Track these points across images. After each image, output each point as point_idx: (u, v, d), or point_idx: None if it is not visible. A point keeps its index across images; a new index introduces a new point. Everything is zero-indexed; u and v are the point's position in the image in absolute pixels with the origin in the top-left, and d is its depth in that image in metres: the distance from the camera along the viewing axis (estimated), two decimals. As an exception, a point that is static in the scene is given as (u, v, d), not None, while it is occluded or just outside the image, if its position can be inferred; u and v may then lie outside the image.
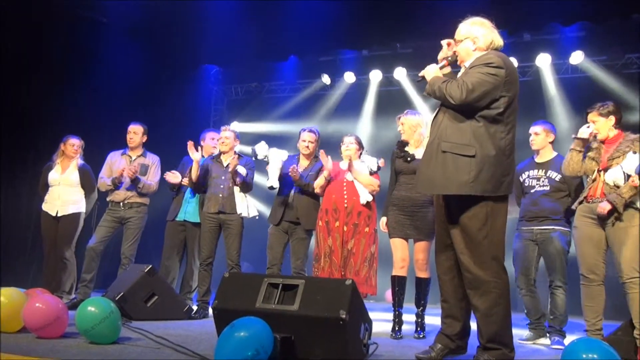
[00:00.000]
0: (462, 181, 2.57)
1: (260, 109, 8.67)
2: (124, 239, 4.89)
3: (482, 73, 2.60)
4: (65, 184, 4.90)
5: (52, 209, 4.88)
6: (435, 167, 2.65)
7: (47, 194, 4.95)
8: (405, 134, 3.92)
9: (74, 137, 5.05)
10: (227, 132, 4.63)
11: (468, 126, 2.62)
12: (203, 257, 4.47)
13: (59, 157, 5.00)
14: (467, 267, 2.62)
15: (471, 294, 2.63)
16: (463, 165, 2.58)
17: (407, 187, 3.85)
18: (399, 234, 3.82)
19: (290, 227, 4.35)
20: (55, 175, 4.94)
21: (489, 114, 2.61)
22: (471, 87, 2.57)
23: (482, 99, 2.59)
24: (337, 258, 4.07)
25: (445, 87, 2.64)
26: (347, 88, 8.24)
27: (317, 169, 4.43)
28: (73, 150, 4.98)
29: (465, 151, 2.59)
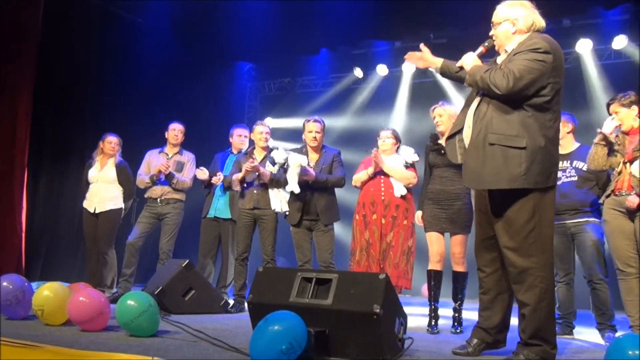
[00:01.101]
0: (513, 175, 2.48)
1: (293, 104, 8.70)
2: (162, 234, 5.00)
3: (528, 59, 2.49)
4: (103, 181, 5.04)
5: (91, 206, 5.03)
6: (483, 161, 2.55)
7: (88, 191, 5.10)
8: (443, 125, 3.84)
9: (111, 134, 5.18)
10: (264, 126, 4.66)
11: (516, 116, 2.52)
12: (239, 252, 4.53)
13: (98, 155, 5.14)
14: (512, 262, 2.55)
15: (516, 289, 2.56)
16: (513, 157, 2.48)
17: (441, 180, 3.80)
18: (435, 227, 3.78)
19: (311, 223, 4.33)
20: (94, 172, 5.08)
21: (537, 102, 2.52)
22: (518, 74, 2.47)
23: (529, 87, 2.49)
24: (376, 251, 4.06)
25: (489, 76, 2.53)
26: (380, 81, 8.17)
27: (329, 161, 4.39)
28: (111, 148, 5.11)
29: (514, 143, 2.49)
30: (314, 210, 4.30)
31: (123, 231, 5.22)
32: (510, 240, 2.55)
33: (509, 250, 2.55)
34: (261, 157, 4.62)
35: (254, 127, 4.71)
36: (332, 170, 4.38)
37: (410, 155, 4.19)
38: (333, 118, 8.00)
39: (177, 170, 5.03)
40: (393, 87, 8.07)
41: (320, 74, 8.49)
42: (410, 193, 4.20)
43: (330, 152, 4.47)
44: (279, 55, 7.77)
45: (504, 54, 2.70)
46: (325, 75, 8.48)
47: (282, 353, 2.14)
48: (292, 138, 7.97)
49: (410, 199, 4.17)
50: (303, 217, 4.31)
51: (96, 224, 5.01)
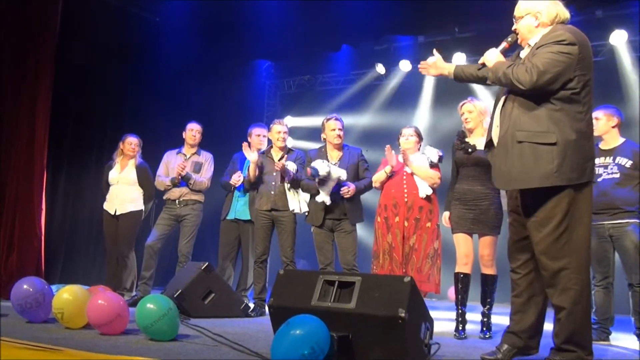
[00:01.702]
0: (545, 172, 2.45)
1: (314, 102, 8.70)
2: (181, 236, 5.06)
3: (553, 52, 2.47)
4: (123, 183, 5.12)
5: (111, 208, 5.10)
6: (512, 160, 2.53)
7: (107, 192, 5.18)
8: (472, 122, 3.81)
9: (132, 135, 5.25)
10: (283, 126, 4.68)
11: (543, 111, 2.49)
12: (257, 254, 4.56)
13: (119, 156, 5.22)
14: (545, 264, 2.51)
15: (550, 293, 2.52)
16: (543, 154, 2.46)
17: (468, 179, 3.77)
18: (462, 228, 3.75)
19: (334, 223, 4.33)
20: (114, 173, 5.16)
21: (565, 94, 2.48)
22: (542, 68, 2.44)
23: (555, 81, 2.46)
24: (398, 255, 4.04)
25: (511, 72, 2.52)
26: (403, 77, 8.12)
27: (355, 161, 4.39)
28: (131, 149, 5.18)
29: (544, 139, 2.46)
30: (339, 210, 4.30)
31: (142, 233, 5.30)
32: (542, 241, 2.51)
33: (541, 251, 2.52)
34: (278, 157, 4.63)
35: (271, 126, 4.73)
36: (360, 172, 4.39)
37: (434, 155, 4.17)
38: (354, 116, 7.99)
39: (194, 171, 5.07)
40: (417, 83, 8.01)
41: (341, 71, 8.47)
42: (435, 193, 4.18)
43: (353, 150, 4.47)
44: (298, 52, 7.78)
45: (527, 48, 2.68)
46: (346, 72, 8.46)
47: (304, 358, 2.14)
48: (312, 137, 7.99)
49: (434, 200, 4.14)
50: (326, 217, 4.31)
51: (116, 225, 5.09)
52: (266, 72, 9.03)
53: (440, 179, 4.15)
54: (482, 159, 3.63)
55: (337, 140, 4.41)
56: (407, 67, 7.91)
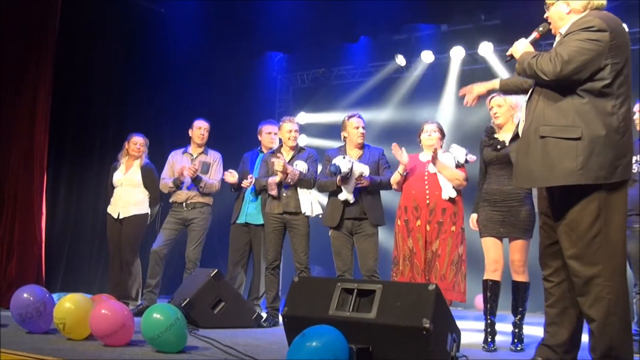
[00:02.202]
0: (568, 169, 2.43)
1: (329, 96, 8.70)
2: (188, 241, 5.09)
3: (580, 40, 2.45)
4: (128, 185, 5.16)
5: (115, 211, 5.16)
6: (534, 157, 2.52)
7: (112, 195, 5.23)
8: (502, 117, 3.79)
9: (137, 134, 5.30)
10: (293, 124, 4.68)
11: (569, 104, 2.48)
12: (269, 260, 4.57)
13: (124, 157, 5.27)
14: (576, 271, 2.49)
15: (582, 302, 2.49)
16: (567, 150, 2.44)
17: (497, 179, 3.75)
18: (491, 232, 3.72)
19: (354, 224, 4.33)
20: (119, 175, 5.21)
21: (594, 86, 2.46)
22: (567, 57, 2.43)
23: (581, 71, 2.45)
24: (420, 261, 4.02)
25: (535, 62, 2.51)
26: (425, 69, 8.08)
27: (375, 159, 4.41)
28: (136, 149, 5.22)
29: (568, 133, 2.45)
30: (358, 210, 4.29)
31: (148, 238, 5.34)
32: (572, 246, 2.49)
33: (571, 257, 2.50)
34: (289, 157, 4.64)
35: (281, 123, 4.72)
36: (380, 171, 4.39)
37: (462, 154, 4.14)
38: (373, 112, 7.96)
39: (203, 172, 5.09)
40: (440, 76, 7.95)
41: (358, 63, 8.44)
42: (459, 195, 4.15)
43: (374, 150, 4.48)
44: (312, 44, 7.78)
45: (558, 36, 2.66)
46: (363, 64, 8.44)
47: (321, 372, 2.14)
48: (327, 134, 7.99)
49: (458, 202, 4.12)
50: (345, 217, 4.31)
51: (120, 230, 5.14)
52: (278, 65, 9.05)
53: (466, 180, 4.13)
54: None
55: (361, 139, 4.44)
56: (430, 58, 7.88)
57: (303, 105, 8.95)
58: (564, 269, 2.63)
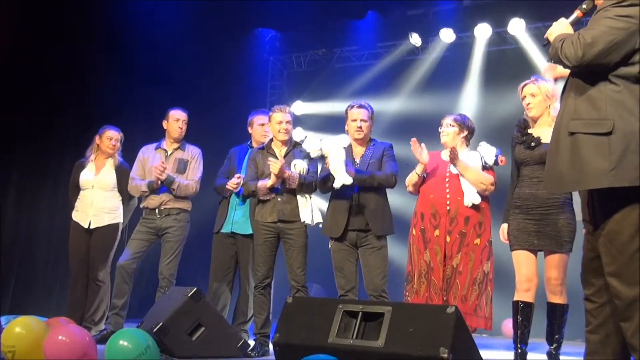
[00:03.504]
0: (599, 170, 2.44)
1: (330, 82, 8.72)
2: (162, 254, 5.08)
3: (608, 18, 2.47)
4: (100, 187, 5.16)
5: (84, 219, 5.13)
6: (563, 157, 2.54)
7: (77, 199, 5.21)
8: (536, 108, 3.80)
9: (112, 128, 5.28)
10: (285, 113, 4.67)
11: (601, 93, 2.49)
12: (258, 277, 4.55)
13: (94, 153, 5.25)
14: (617, 291, 2.49)
15: (625, 328, 2.49)
16: (598, 147, 2.45)
17: (532, 182, 3.76)
18: (523, 244, 3.73)
19: (358, 236, 4.32)
20: (88, 175, 5.19)
21: (630, 72, 2.47)
22: (590, 40, 2.45)
23: (609, 54, 2.45)
24: (438, 278, 4.03)
25: (561, 46, 2.54)
26: (444, 50, 8.11)
27: (379, 156, 4.39)
28: (110, 145, 5.21)
29: (599, 128, 2.46)
30: (362, 218, 4.30)
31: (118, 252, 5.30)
32: (612, 261, 2.49)
33: (611, 275, 2.50)
34: (282, 153, 4.63)
35: (271, 114, 4.67)
36: (382, 165, 4.38)
37: (490, 155, 4.15)
38: (382, 101, 7.97)
39: (178, 171, 5.08)
40: (462, 58, 7.99)
41: (365, 43, 8.47)
42: (486, 201, 4.15)
43: (381, 145, 4.47)
44: (311, 20, 7.80)
45: None
46: (371, 44, 8.47)
47: (319, 411, 2.14)
48: (328, 127, 7.95)
49: (485, 210, 4.12)
50: (349, 227, 4.31)
51: (88, 242, 5.13)
52: (270, 45, 9.07)
53: (494, 185, 4.13)
54: None
55: (358, 134, 4.41)
56: (450, 37, 7.90)
57: (299, 92, 8.97)
58: (608, 288, 2.63)
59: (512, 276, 3.81)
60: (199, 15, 7.35)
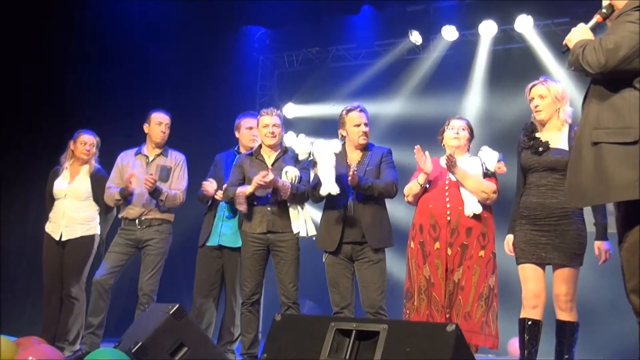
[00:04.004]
0: (626, 181, 2.47)
1: (324, 83, 8.73)
2: (142, 269, 5.06)
3: (630, 22, 2.52)
4: (73, 197, 5.17)
5: (56, 231, 5.14)
6: (587, 168, 2.58)
7: (51, 210, 5.21)
8: (545, 111, 3.81)
9: (87, 132, 5.29)
10: (273, 116, 4.66)
11: (625, 101, 2.54)
12: (246, 293, 4.55)
13: (68, 160, 5.25)
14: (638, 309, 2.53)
15: None
16: (624, 157, 2.49)
17: (539, 190, 3.77)
18: (531, 257, 3.74)
19: (354, 249, 4.31)
20: (62, 184, 5.20)
21: None
22: (612, 45, 2.50)
23: (633, 59, 2.50)
24: (440, 295, 4.03)
25: (582, 52, 2.59)
26: (447, 49, 8.12)
27: (376, 162, 4.39)
28: (85, 151, 5.21)
29: (624, 137, 2.50)
30: (358, 229, 4.29)
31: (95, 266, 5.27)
32: (632, 277, 2.54)
33: (632, 291, 2.55)
34: (271, 160, 4.63)
35: (259, 117, 4.70)
36: (380, 173, 4.38)
37: (492, 160, 4.15)
38: (380, 103, 7.99)
39: (161, 179, 5.05)
40: (465, 58, 8.00)
41: (362, 41, 8.49)
42: (489, 211, 4.15)
43: (378, 150, 4.47)
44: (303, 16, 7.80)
45: None
46: (369, 42, 8.48)
47: None
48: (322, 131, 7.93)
49: (488, 220, 4.12)
50: (343, 239, 4.30)
51: (62, 254, 5.12)
52: (259, 43, 9.07)
53: (496, 193, 4.14)
54: (559, 160, 3.64)
55: (364, 140, 4.42)
56: (453, 35, 7.91)
57: (291, 94, 8.98)
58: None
59: (517, 291, 3.81)
60: (182, 12, 7.36)
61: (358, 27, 8.43)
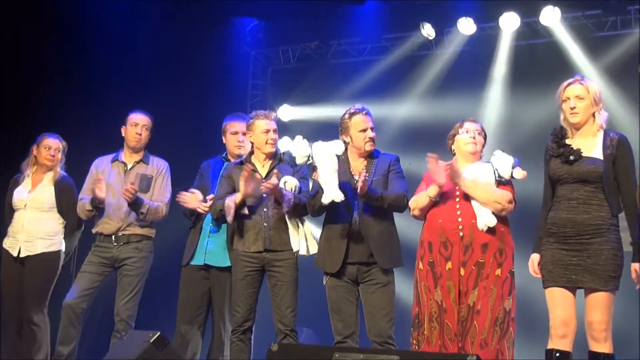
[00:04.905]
0: None
1: (325, 82, 8.73)
2: (119, 291, 5.07)
3: None
4: (34, 207, 5.17)
5: (14, 247, 5.14)
6: None
7: (10, 223, 5.22)
8: (581, 114, 3.79)
9: (51, 135, 5.31)
10: (271, 121, 4.67)
11: None
12: (237, 320, 4.55)
13: (31, 167, 5.26)
14: None
15: None
16: None
17: (570, 204, 3.75)
18: (559, 280, 3.73)
19: (359, 271, 4.31)
20: (22, 193, 5.21)
21: None
22: None
23: None
24: (452, 321, 4.01)
25: None
26: (463, 44, 8.13)
27: (384, 170, 4.40)
28: (49, 157, 5.23)
29: None
30: (364, 248, 4.29)
31: (61, 287, 5.28)
32: None
33: None
34: (265, 170, 4.64)
35: (252, 121, 4.69)
36: (388, 184, 4.39)
37: (507, 166, 4.14)
38: (388, 105, 7.99)
39: (141, 190, 5.07)
40: (484, 54, 8.01)
41: (367, 35, 8.49)
42: (505, 224, 4.14)
43: (385, 158, 4.48)
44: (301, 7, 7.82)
45: None
46: (375, 36, 8.49)
47: None
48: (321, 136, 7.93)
49: (505, 234, 4.11)
50: (347, 259, 4.29)
51: (21, 274, 5.11)
52: (251, 37, 9.07)
53: (512, 203, 4.12)
54: (592, 171, 3.64)
55: (370, 147, 4.43)
56: (470, 29, 7.93)
57: (287, 94, 8.99)
58: None
59: (539, 316, 3.79)
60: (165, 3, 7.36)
61: (363, 19, 8.44)
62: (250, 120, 4.74)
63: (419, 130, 7.78)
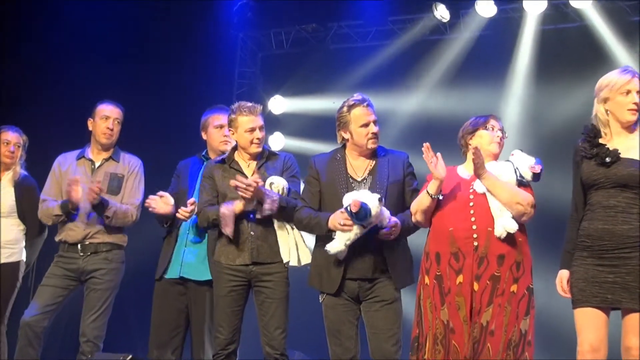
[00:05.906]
0: None
1: (323, 70, 8.79)
2: (85, 308, 5.08)
3: None
4: None
5: (-32, 257, 5.15)
6: None
7: None
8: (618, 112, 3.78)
9: (10, 128, 5.34)
10: (259, 117, 4.65)
11: None
12: (220, 343, 4.55)
13: None
14: None
15: None
16: None
17: (606, 212, 3.70)
18: (593, 300, 3.68)
19: (361, 287, 4.30)
20: None
21: None
22: None
23: None
24: (461, 343, 3.98)
25: None
26: (482, 28, 8.17)
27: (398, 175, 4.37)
28: (7, 153, 5.25)
29: None
30: (368, 261, 4.27)
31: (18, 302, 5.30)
32: None
33: None
34: (251, 169, 4.65)
35: (234, 116, 4.64)
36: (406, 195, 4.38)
37: (526, 166, 4.14)
38: (395, 96, 8.04)
39: (110, 191, 5.10)
40: (506, 40, 8.05)
41: (373, 17, 8.53)
42: (523, 233, 4.12)
43: (397, 158, 4.46)
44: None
45: None
46: (380, 18, 8.53)
47: None
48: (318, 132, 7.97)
49: (523, 245, 4.06)
50: (347, 274, 4.29)
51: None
52: (239, 17, 9.07)
53: (534, 208, 4.10)
54: (632, 174, 3.61)
55: (374, 144, 4.39)
56: (490, 11, 7.96)
57: (279, 84, 9.04)
58: None
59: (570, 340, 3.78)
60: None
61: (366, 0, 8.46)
62: (232, 115, 4.66)
63: (430, 126, 7.82)
